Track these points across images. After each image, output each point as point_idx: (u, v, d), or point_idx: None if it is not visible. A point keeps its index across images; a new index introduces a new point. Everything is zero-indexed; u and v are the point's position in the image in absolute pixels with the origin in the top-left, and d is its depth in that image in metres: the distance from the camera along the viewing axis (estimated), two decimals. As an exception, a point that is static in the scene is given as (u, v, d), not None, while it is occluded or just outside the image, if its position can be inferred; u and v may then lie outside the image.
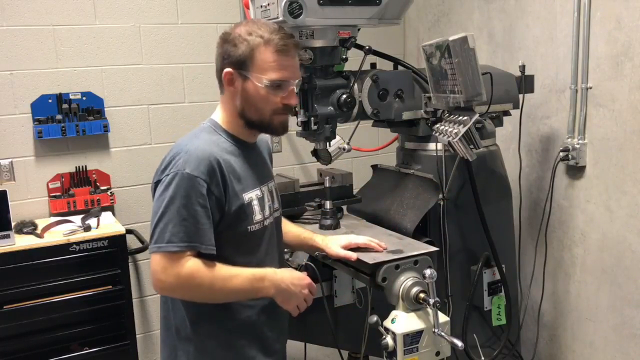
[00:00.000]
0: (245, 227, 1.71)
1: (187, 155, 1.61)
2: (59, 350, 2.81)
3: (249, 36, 1.65)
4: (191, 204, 1.58)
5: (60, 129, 3.10)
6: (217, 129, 1.74)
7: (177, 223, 1.57)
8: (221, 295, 1.66)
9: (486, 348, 2.48)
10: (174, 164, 1.61)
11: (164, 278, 1.59)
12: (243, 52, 1.65)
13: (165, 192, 1.59)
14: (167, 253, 1.58)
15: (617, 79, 2.57)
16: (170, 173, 1.60)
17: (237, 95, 1.69)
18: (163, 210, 1.58)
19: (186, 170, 1.58)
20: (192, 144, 1.64)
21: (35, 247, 2.74)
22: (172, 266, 1.58)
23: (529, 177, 3.09)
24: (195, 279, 1.60)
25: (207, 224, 1.60)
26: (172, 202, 1.58)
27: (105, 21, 3.27)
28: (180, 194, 1.58)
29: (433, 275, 1.76)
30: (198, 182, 1.59)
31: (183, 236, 1.58)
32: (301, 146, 3.85)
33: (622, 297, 2.66)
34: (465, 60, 1.94)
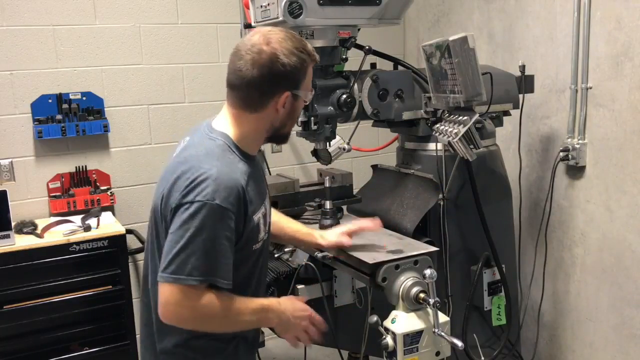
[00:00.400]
0: (251, 246, 1.66)
1: (215, 184, 1.50)
2: (59, 350, 2.81)
3: (301, 53, 1.59)
4: (218, 237, 1.51)
5: (60, 129, 3.10)
6: (232, 147, 1.63)
7: (201, 256, 1.49)
8: (230, 327, 1.64)
9: (486, 348, 2.48)
10: (200, 190, 1.50)
11: (178, 311, 1.52)
12: (299, 73, 1.60)
13: (191, 221, 1.49)
14: (185, 286, 1.49)
15: (617, 79, 2.57)
16: (196, 201, 1.49)
17: (281, 113, 1.63)
18: (187, 241, 1.48)
19: (216, 201, 1.49)
20: (218, 169, 1.53)
21: (35, 247, 2.74)
22: (189, 299, 1.51)
23: (529, 177, 3.09)
24: (210, 311, 1.54)
25: (230, 259, 1.55)
26: (199, 234, 1.49)
27: (105, 21, 3.27)
28: (209, 226, 1.49)
29: (433, 275, 1.76)
30: (228, 216, 1.51)
31: (205, 271, 1.50)
32: (301, 146, 3.85)
33: (622, 297, 2.66)
34: (465, 60, 1.94)
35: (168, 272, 1.50)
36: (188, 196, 1.50)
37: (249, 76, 1.56)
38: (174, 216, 1.52)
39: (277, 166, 3.77)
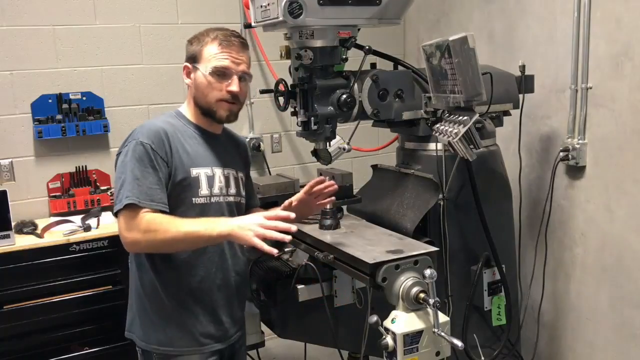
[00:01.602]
0: (190, 198, 1.92)
1: (140, 129, 1.89)
2: (59, 350, 2.81)
3: (202, 36, 1.95)
4: (143, 166, 1.82)
5: (60, 129, 3.11)
6: (179, 116, 2.01)
7: (131, 182, 1.80)
8: (178, 238, 1.78)
9: (486, 348, 2.48)
10: (131, 137, 1.88)
11: (127, 235, 1.80)
12: (195, 48, 1.95)
13: (121, 159, 1.86)
14: (126, 211, 1.78)
15: (617, 79, 2.57)
16: (125, 145, 1.87)
17: (192, 86, 1.98)
18: (120, 177, 1.83)
19: (138, 139, 1.84)
20: (147, 122, 1.94)
21: (35, 247, 2.74)
22: (133, 221, 1.78)
23: (529, 177, 3.09)
24: (151, 225, 1.77)
25: (157, 184, 1.83)
26: (126, 166, 1.82)
27: (105, 21, 3.27)
28: (134, 158, 1.82)
29: (433, 275, 1.76)
30: (149, 149, 1.83)
31: (137, 193, 1.79)
32: (301, 146, 3.85)
33: (622, 297, 2.66)
34: (465, 60, 1.94)
35: (116, 203, 1.81)
36: (124, 144, 1.89)
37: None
38: (116, 163, 1.89)
39: (277, 166, 3.77)
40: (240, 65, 1.96)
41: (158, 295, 1.95)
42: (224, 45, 1.93)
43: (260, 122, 3.75)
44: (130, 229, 1.79)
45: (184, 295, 1.96)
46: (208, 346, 2.00)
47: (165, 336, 1.96)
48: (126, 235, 1.80)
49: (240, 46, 1.97)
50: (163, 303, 1.95)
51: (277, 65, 3.60)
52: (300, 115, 2.19)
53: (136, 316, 2.02)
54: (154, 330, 1.97)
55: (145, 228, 1.78)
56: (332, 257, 2.00)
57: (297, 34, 2.14)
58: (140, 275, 1.98)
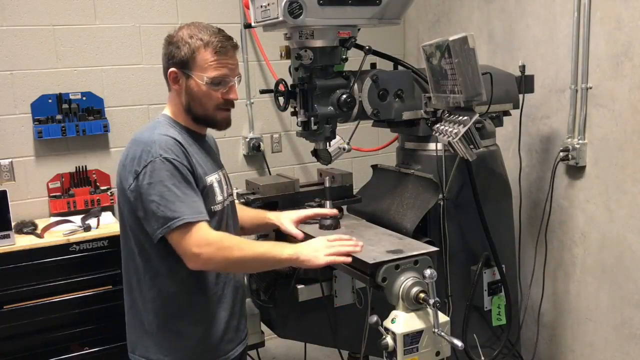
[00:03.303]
0: (210, 207, 1.84)
1: (156, 144, 1.74)
2: (59, 350, 2.81)
3: (190, 39, 1.80)
4: (179, 182, 1.72)
5: (60, 129, 3.10)
6: (171, 123, 1.88)
7: (175, 200, 1.69)
8: (250, 257, 1.76)
9: (486, 348, 2.48)
10: (147, 153, 1.72)
11: (196, 251, 1.69)
12: (185, 53, 1.80)
13: (151, 179, 1.70)
14: (181, 230, 1.68)
15: (617, 79, 2.57)
16: (148, 163, 1.71)
17: (182, 92, 1.85)
18: (159, 196, 1.69)
19: (161, 155, 1.72)
20: (156, 135, 1.77)
21: (35, 247, 2.74)
22: (198, 237, 1.69)
23: (529, 177, 3.09)
24: (225, 242, 1.73)
25: (197, 197, 1.76)
26: (161, 185, 1.70)
27: (105, 21, 3.27)
28: (165, 176, 1.70)
29: (433, 275, 1.76)
30: (175, 163, 1.73)
31: (186, 210, 1.70)
32: (301, 146, 3.85)
33: (622, 297, 2.66)
34: (465, 60, 1.94)
35: (160, 227, 1.69)
36: (140, 163, 1.72)
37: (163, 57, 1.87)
38: (139, 186, 1.72)
39: (277, 166, 3.77)
40: (235, 70, 1.88)
41: (181, 304, 1.84)
42: (221, 52, 1.81)
43: (260, 122, 3.75)
44: (199, 245, 1.69)
45: (209, 302, 1.88)
46: (232, 352, 1.95)
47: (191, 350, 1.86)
48: (196, 252, 1.69)
49: (234, 50, 1.87)
50: (186, 312, 1.85)
51: (277, 65, 3.59)
52: (300, 115, 2.19)
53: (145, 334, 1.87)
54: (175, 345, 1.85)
55: (220, 244, 1.71)
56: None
57: (297, 34, 2.14)
58: (156, 285, 1.84)
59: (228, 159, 3.64)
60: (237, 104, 3.79)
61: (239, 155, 3.71)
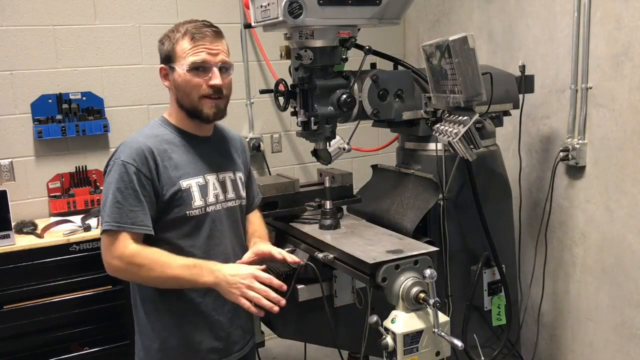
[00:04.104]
0: (184, 212, 1.82)
1: (123, 147, 1.80)
2: (59, 350, 2.81)
3: (172, 33, 1.84)
4: (125, 188, 1.74)
5: (60, 129, 3.10)
6: (164, 124, 1.90)
7: (112, 205, 1.73)
8: (162, 279, 1.75)
9: (486, 348, 2.48)
10: (114, 156, 1.80)
11: (110, 261, 1.75)
12: (167, 47, 1.84)
13: (106, 179, 1.79)
14: (107, 234, 1.74)
15: (617, 79, 2.57)
16: (109, 164, 1.80)
17: (172, 87, 1.87)
18: (104, 197, 1.77)
19: (121, 159, 1.76)
20: (131, 138, 1.83)
21: (35, 247, 2.74)
22: (115, 247, 1.73)
23: (529, 177, 3.09)
24: (135, 259, 1.72)
25: (139, 207, 1.75)
26: (110, 187, 1.76)
27: (105, 21, 3.27)
28: (115, 179, 1.75)
29: (433, 275, 1.76)
30: (131, 170, 1.74)
31: (117, 217, 1.72)
32: (301, 146, 3.85)
33: (622, 297, 2.66)
34: (465, 60, 1.94)
35: (100, 225, 1.79)
36: (108, 163, 1.82)
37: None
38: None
39: (277, 166, 3.77)
40: (217, 56, 1.82)
41: (157, 310, 1.86)
42: (197, 38, 1.79)
43: (260, 122, 3.75)
44: (112, 256, 1.73)
45: (186, 310, 1.87)
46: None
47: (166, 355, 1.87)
48: (108, 261, 1.75)
49: (214, 35, 1.83)
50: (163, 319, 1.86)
51: (277, 65, 3.60)
52: (300, 115, 2.19)
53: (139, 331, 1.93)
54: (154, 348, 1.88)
55: (129, 260, 1.72)
56: (332, 257, 2.00)
57: (297, 34, 2.14)
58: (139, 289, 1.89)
59: (228, 159, 3.65)
60: (237, 104, 3.82)
61: (239, 155, 3.71)
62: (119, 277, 1.81)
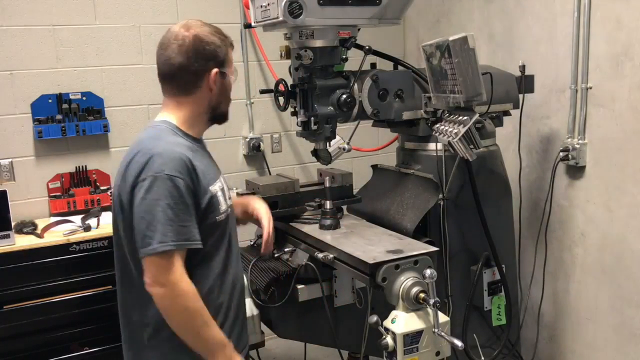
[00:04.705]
0: (214, 219, 1.77)
1: (160, 159, 1.64)
2: (59, 350, 2.81)
3: (220, 39, 1.77)
4: (175, 203, 1.62)
5: (60, 129, 3.10)
6: (176, 130, 1.77)
7: (165, 223, 1.60)
8: (193, 331, 1.66)
9: (486, 348, 2.48)
10: (150, 166, 1.64)
11: (158, 290, 1.61)
12: (222, 52, 1.77)
13: (148, 194, 1.62)
14: (158, 257, 1.60)
15: (617, 79, 2.57)
16: (148, 177, 1.63)
17: (215, 92, 1.79)
18: (148, 214, 1.61)
19: (165, 172, 1.62)
20: (161, 147, 1.67)
21: (35, 247, 2.74)
22: (168, 269, 1.61)
23: (529, 177, 3.09)
24: (188, 298, 1.63)
25: (190, 221, 1.66)
26: (157, 204, 1.61)
27: (105, 21, 3.27)
28: (164, 195, 1.61)
29: (433, 275, 1.76)
30: (179, 183, 1.64)
31: (172, 235, 1.61)
32: (301, 146, 3.85)
33: (622, 297, 2.66)
34: (465, 60, 1.94)
35: (145, 246, 1.60)
36: (140, 175, 1.64)
37: (178, 62, 1.72)
38: (133, 197, 1.65)
39: (277, 166, 3.77)
40: None
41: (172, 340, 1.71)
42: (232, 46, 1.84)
43: (260, 122, 3.75)
44: (162, 284, 1.60)
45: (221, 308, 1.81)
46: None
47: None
48: (155, 291, 1.61)
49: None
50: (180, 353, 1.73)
51: (277, 65, 3.59)
52: (300, 115, 2.19)
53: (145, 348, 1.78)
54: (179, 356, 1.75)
55: (182, 294, 1.61)
56: (332, 257, 2.01)
57: (297, 34, 2.14)
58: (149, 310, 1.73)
59: (228, 159, 3.65)
60: (237, 104, 3.81)
61: (239, 155, 3.71)
62: (159, 301, 1.64)
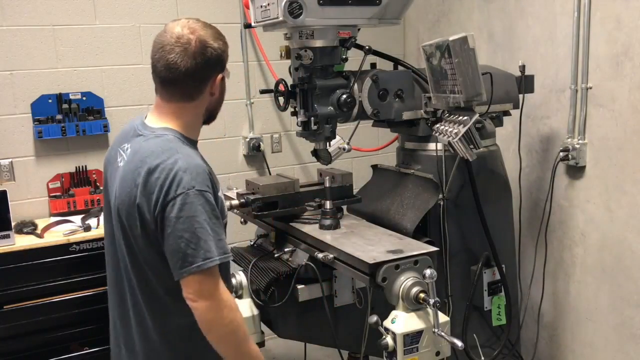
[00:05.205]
0: (225, 222, 1.74)
1: (188, 174, 1.58)
2: (59, 350, 2.81)
3: (224, 39, 1.72)
4: (209, 218, 1.58)
5: (60, 129, 3.10)
6: (183, 139, 1.69)
7: (206, 240, 1.56)
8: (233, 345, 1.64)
9: (486, 348, 2.48)
10: (177, 184, 1.57)
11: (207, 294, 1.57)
12: (225, 54, 1.71)
13: (182, 212, 1.56)
14: (208, 271, 1.56)
15: (617, 79, 2.57)
16: (179, 195, 1.56)
17: (216, 96, 1.74)
18: (188, 232, 1.55)
19: (195, 188, 1.57)
20: (183, 160, 1.60)
21: (35, 247, 2.74)
22: (213, 284, 1.58)
23: (529, 177, 3.09)
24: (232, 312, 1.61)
25: (224, 234, 1.64)
26: (194, 221, 1.56)
27: (105, 21, 3.27)
28: (200, 212, 1.56)
29: (433, 275, 1.76)
30: (208, 197, 1.59)
31: (215, 251, 1.57)
32: (301, 146, 3.85)
33: (622, 297, 2.66)
34: (465, 60, 1.94)
35: (189, 264, 1.54)
36: (169, 194, 1.56)
37: (184, 67, 1.62)
38: (164, 218, 1.57)
39: (277, 166, 3.77)
40: None
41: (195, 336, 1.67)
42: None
43: (260, 122, 3.75)
44: (207, 297, 1.56)
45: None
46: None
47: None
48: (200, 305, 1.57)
49: None
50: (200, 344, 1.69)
51: (277, 65, 3.59)
52: (300, 115, 2.19)
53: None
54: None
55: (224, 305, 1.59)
56: (332, 257, 2.01)
57: (297, 34, 2.14)
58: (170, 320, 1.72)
59: (228, 159, 3.65)
60: (237, 104, 3.82)
61: (239, 155, 3.71)
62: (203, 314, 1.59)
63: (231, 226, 2.50)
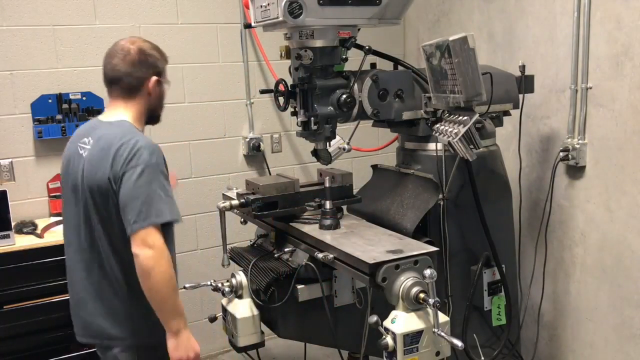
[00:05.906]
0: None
1: (148, 150, 1.91)
2: (59, 350, 2.81)
3: (160, 53, 2.11)
4: (164, 187, 1.90)
5: (60, 129, 3.11)
6: (136, 127, 2.03)
7: (159, 201, 1.87)
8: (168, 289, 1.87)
9: (486, 348, 2.48)
10: (139, 156, 1.88)
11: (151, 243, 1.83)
12: (161, 65, 2.10)
13: (139, 179, 1.86)
14: (156, 226, 1.85)
15: (617, 79, 2.57)
16: (139, 164, 1.87)
17: (154, 97, 2.09)
18: (145, 195, 1.86)
19: (153, 161, 1.90)
20: (143, 140, 1.94)
21: (35, 247, 2.74)
22: (157, 236, 1.85)
23: (529, 177, 3.09)
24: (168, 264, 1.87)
25: (175, 203, 1.94)
26: (149, 187, 1.86)
27: (105, 21, 3.27)
28: (155, 179, 1.88)
29: (433, 275, 1.76)
30: (163, 170, 1.93)
31: (167, 212, 1.88)
32: (301, 146, 3.85)
33: (622, 297, 2.66)
34: (465, 60, 1.94)
35: (141, 220, 1.83)
36: (131, 163, 1.88)
37: (124, 69, 2.03)
38: (122, 182, 1.87)
39: (277, 166, 3.77)
40: None
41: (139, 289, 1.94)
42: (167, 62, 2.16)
43: (260, 122, 3.75)
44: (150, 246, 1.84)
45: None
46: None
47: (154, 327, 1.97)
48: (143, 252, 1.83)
49: None
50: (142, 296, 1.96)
51: (277, 65, 3.59)
52: (300, 115, 2.19)
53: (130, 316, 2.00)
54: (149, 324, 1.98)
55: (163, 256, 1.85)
56: (332, 257, 2.01)
57: (297, 34, 2.14)
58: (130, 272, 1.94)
59: (228, 159, 3.65)
60: (237, 104, 3.82)
61: (239, 155, 3.71)
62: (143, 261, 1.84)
63: (231, 226, 2.51)
